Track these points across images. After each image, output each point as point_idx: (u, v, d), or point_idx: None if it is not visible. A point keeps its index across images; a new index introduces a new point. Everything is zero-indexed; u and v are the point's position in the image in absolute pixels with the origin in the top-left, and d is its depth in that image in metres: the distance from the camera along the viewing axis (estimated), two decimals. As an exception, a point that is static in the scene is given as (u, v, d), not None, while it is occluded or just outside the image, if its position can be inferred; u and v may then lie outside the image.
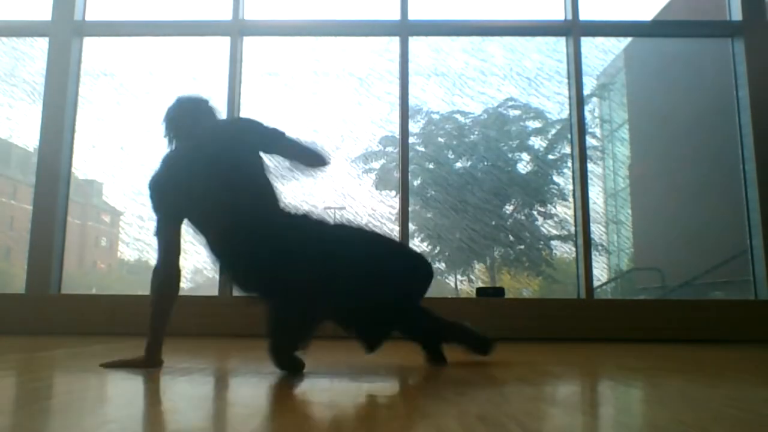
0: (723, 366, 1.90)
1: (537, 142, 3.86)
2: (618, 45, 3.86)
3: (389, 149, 3.77)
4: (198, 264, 3.63)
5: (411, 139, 3.73)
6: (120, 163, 3.72)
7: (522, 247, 3.79)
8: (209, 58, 3.78)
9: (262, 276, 1.73)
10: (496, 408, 1.08)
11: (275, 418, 0.97)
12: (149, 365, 1.74)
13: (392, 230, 3.61)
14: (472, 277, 3.83)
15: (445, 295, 3.75)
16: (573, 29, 3.64)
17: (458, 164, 3.81)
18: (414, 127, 3.79)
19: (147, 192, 1.80)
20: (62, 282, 3.57)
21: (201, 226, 1.79)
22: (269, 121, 1.88)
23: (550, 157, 3.83)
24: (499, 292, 3.42)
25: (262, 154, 1.86)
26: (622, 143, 4.27)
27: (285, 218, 1.78)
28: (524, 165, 3.86)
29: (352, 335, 1.81)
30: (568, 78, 3.70)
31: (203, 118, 1.90)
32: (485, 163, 3.78)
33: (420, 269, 1.83)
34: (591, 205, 3.52)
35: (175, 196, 1.76)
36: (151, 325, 1.76)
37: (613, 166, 4.22)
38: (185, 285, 3.69)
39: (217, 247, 1.77)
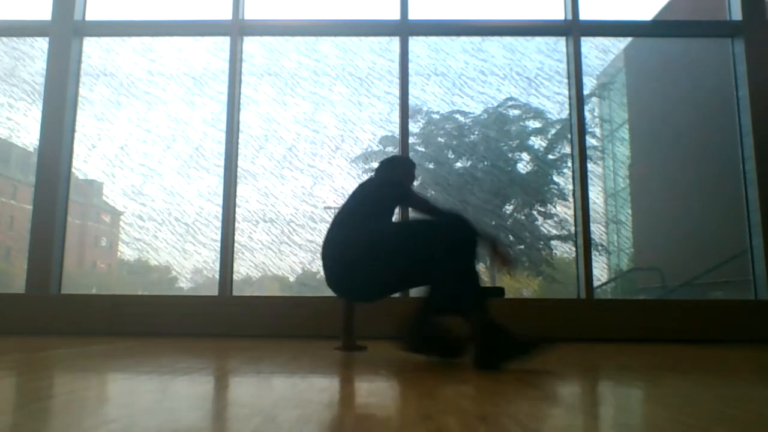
0: (723, 366, 1.90)
1: (537, 142, 3.85)
2: (618, 45, 3.86)
3: (389, 149, 3.77)
4: (198, 264, 3.63)
5: (411, 139, 3.73)
6: (120, 163, 3.72)
7: (522, 247, 3.79)
8: (209, 58, 3.78)
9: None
10: (496, 408, 1.08)
11: (275, 418, 0.97)
12: None
13: (392, 230, 3.61)
14: (472, 277, 3.82)
15: (445, 295, 3.74)
16: (573, 29, 3.64)
17: (458, 164, 3.81)
18: (414, 127, 3.79)
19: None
20: (62, 282, 3.57)
21: None
22: (411, 186, 2.55)
23: (550, 157, 3.83)
24: (499, 292, 3.42)
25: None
26: (622, 143, 4.27)
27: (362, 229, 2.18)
28: (524, 165, 3.85)
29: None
30: (568, 78, 3.70)
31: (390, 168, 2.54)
32: (485, 163, 3.78)
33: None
34: (591, 205, 3.52)
35: None
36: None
37: (613, 166, 4.21)
38: (185, 285, 3.69)
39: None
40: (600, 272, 3.76)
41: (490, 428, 0.89)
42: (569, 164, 3.70)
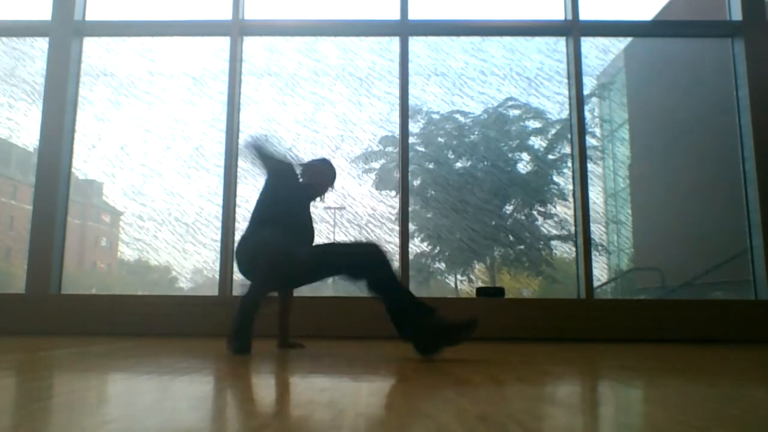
0: (723, 366, 1.90)
1: (537, 142, 3.85)
2: (618, 45, 3.86)
3: (389, 149, 3.77)
4: (198, 264, 3.62)
5: (411, 139, 3.73)
6: (120, 163, 3.72)
7: (522, 247, 3.79)
8: (209, 58, 3.78)
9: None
10: (496, 408, 1.08)
11: (275, 418, 0.97)
12: None
13: (392, 230, 3.61)
14: (472, 277, 3.83)
15: (445, 295, 3.75)
16: (573, 29, 3.64)
17: (458, 164, 3.81)
18: (414, 127, 3.79)
19: None
20: (62, 282, 3.57)
21: None
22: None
23: (550, 157, 3.83)
24: (499, 292, 3.42)
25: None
26: (622, 143, 4.27)
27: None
28: (524, 165, 3.86)
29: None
30: (568, 78, 3.70)
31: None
32: (485, 163, 3.78)
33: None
34: (591, 205, 3.52)
35: None
36: None
37: (613, 166, 4.21)
38: (185, 285, 3.69)
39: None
40: (600, 272, 3.76)
41: (490, 428, 0.89)
42: (569, 164, 3.70)
